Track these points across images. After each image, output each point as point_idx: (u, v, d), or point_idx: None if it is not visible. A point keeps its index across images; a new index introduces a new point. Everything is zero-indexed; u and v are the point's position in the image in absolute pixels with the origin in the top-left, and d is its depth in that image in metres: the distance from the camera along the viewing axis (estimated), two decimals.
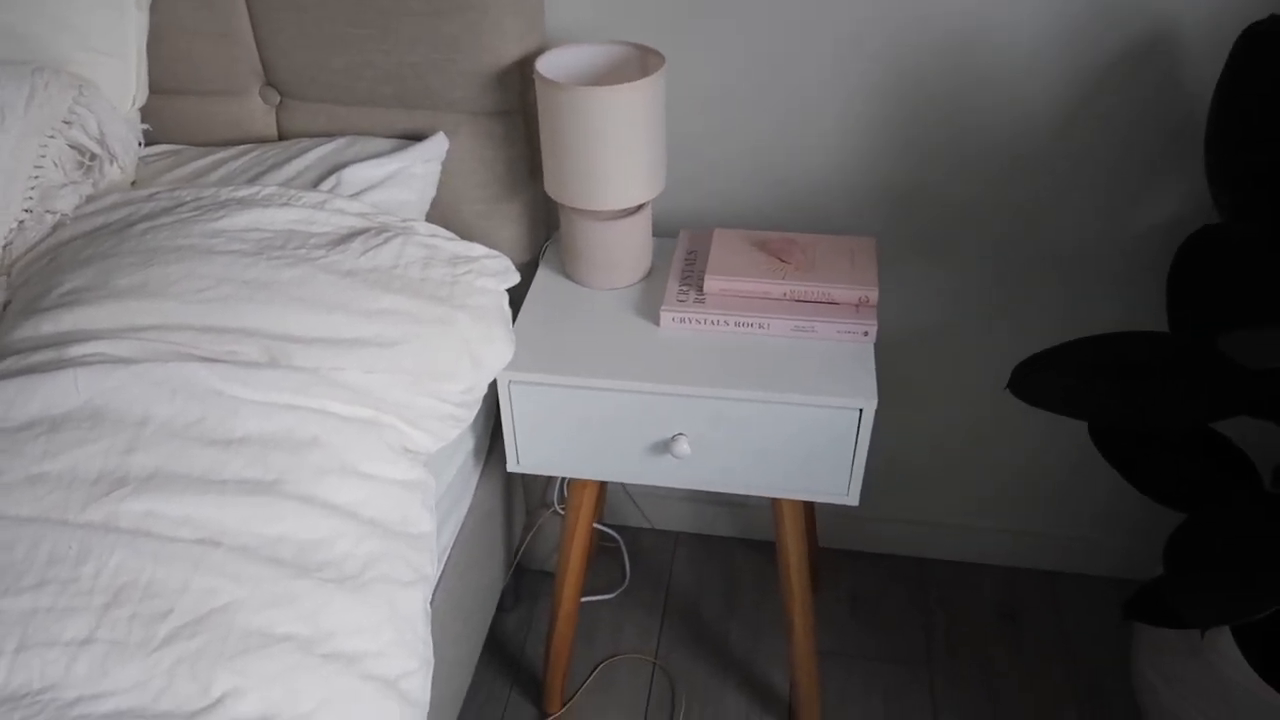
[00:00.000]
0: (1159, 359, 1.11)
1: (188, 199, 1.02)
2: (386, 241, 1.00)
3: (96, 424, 0.81)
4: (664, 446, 1.14)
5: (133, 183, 1.16)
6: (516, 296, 1.27)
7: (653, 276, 1.27)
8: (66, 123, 1.04)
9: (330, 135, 1.23)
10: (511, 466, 1.19)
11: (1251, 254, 1.04)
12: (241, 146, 1.21)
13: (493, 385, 1.24)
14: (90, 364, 0.84)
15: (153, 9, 1.17)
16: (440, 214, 1.25)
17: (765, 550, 1.70)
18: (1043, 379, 1.14)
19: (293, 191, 1.04)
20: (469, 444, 1.20)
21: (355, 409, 0.92)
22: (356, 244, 0.99)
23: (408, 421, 0.96)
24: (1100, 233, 1.30)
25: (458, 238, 1.08)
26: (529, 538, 1.54)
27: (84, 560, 0.74)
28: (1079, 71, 1.19)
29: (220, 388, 0.86)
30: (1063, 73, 1.20)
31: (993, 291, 1.38)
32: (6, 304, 0.98)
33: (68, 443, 0.80)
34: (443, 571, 1.12)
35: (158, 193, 1.04)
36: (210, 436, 0.84)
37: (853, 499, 1.15)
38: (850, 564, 1.67)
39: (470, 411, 1.03)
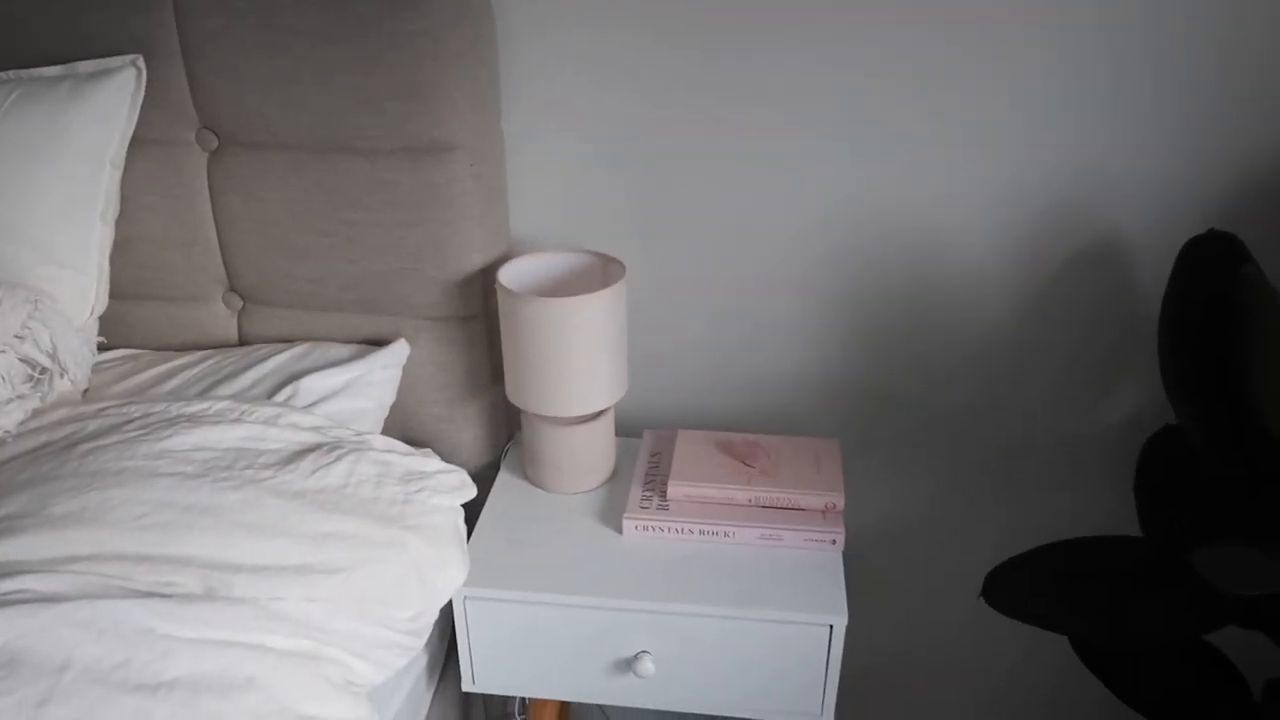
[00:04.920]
0: (1136, 568, 1.08)
1: (136, 415, 1.00)
2: (339, 459, 0.98)
3: (11, 672, 0.75)
4: (626, 665, 1.08)
5: (85, 391, 1.14)
6: (476, 499, 1.24)
7: (616, 478, 1.24)
8: (19, 337, 1.03)
9: (290, 340, 1.22)
10: (467, 686, 1.12)
11: (1210, 463, 1.03)
12: (199, 353, 1.19)
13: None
14: (12, 603, 0.79)
15: (120, 220, 1.18)
16: (400, 417, 1.23)
17: None
18: (1017, 589, 1.10)
19: (245, 406, 1.02)
20: (421, 662, 1.13)
21: (296, 641, 0.86)
22: (307, 462, 0.96)
23: (352, 653, 0.90)
24: (1066, 429, 1.30)
25: (414, 451, 1.06)
26: None
27: None
28: (1033, 275, 1.22)
29: (151, 625, 0.81)
30: (1018, 274, 1.22)
31: (960, 490, 1.36)
32: None
33: None
34: None
35: (106, 408, 1.02)
36: (136, 681, 0.78)
37: (826, 719, 1.08)
38: None
39: (419, 640, 0.97)
